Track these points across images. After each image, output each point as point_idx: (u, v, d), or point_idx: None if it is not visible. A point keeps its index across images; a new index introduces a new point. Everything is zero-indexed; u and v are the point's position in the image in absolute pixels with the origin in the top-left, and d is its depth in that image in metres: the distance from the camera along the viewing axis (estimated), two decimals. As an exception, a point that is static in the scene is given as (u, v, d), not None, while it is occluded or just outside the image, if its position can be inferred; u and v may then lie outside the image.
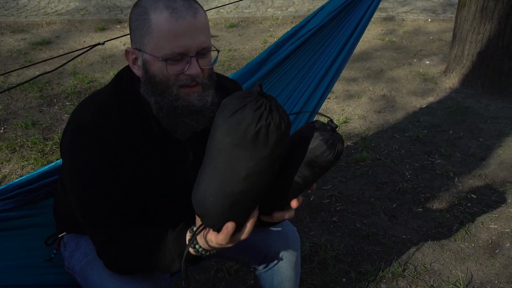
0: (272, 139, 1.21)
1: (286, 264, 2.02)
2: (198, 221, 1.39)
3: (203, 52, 1.50)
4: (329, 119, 1.39)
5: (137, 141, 1.59)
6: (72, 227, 1.95)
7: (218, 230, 1.33)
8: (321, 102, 2.89)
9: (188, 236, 1.45)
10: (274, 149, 1.22)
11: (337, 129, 1.37)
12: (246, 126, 1.19)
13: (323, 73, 2.86)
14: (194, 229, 1.42)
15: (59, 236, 2.00)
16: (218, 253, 2.06)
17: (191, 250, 1.42)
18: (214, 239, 1.34)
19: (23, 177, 2.13)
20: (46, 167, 2.16)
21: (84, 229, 1.66)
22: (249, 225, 1.35)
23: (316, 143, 1.34)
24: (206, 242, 1.38)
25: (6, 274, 1.93)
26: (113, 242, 1.58)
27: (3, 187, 2.08)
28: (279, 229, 1.98)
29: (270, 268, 2.04)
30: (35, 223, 2.11)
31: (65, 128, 1.61)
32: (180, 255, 1.46)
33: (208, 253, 1.44)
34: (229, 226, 1.30)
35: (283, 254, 1.99)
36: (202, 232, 1.38)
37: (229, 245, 1.36)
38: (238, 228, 1.34)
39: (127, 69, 1.65)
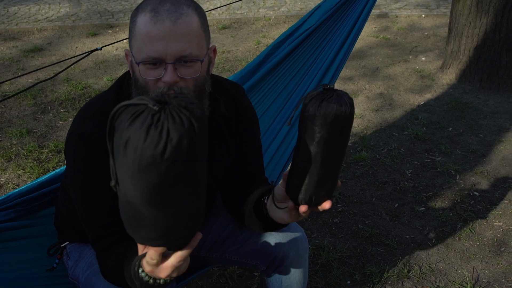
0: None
1: (295, 267, 1.96)
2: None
3: (184, 60, 1.46)
4: (320, 86, 1.36)
5: None
6: (75, 236, 1.93)
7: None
8: None
9: None
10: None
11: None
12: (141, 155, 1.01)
13: (323, 72, 2.82)
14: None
15: (62, 245, 1.97)
16: (224, 258, 2.03)
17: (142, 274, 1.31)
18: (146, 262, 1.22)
19: (23, 186, 2.12)
20: (46, 176, 2.15)
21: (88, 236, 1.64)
22: (172, 258, 1.20)
23: (329, 110, 1.29)
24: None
25: (7, 286, 1.91)
26: (112, 250, 1.55)
27: (3, 197, 2.07)
28: (287, 231, 1.93)
29: (279, 272, 1.99)
30: (35, 233, 2.10)
31: (68, 137, 1.59)
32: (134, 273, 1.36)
33: (160, 281, 1.29)
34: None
35: (292, 256, 1.93)
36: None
37: (173, 274, 1.25)
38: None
39: (128, 74, 1.61)
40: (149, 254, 1.18)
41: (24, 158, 4.00)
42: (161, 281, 1.29)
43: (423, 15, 7.69)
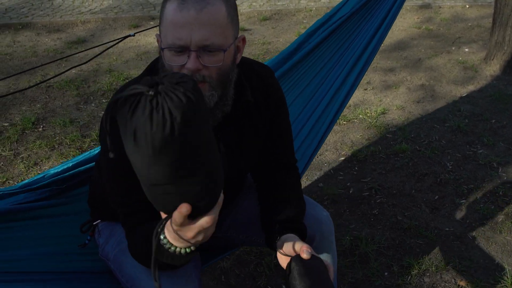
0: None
1: (321, 250, 1.94)
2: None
3: (208, 49, 1.47)
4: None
5: None
6: (107, 214, 1.98)
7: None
8: (352, 90, 2.84)
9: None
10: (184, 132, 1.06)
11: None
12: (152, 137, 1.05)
13: (355, 60, 2.83)
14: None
15: (94, 223, 2.02)
16: (250, 240, 2.05)
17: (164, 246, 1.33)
18: (172, 223, 1.22)
19: (59, 166, 2.18)
20: (81, 155, 2.22)
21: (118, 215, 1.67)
22: (201, 220, 1.22)
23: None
24: (173, 232, 1.27)
25: (41, 261, 1.98)
26: (141, 228, 1.58)
27: (39, 176, 2.13)
28: (311, 213, 1.93)
29: None
30: (69, 211, 2.16)
31: (103, 117, 1.61)
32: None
33: (180, 250, 1.32)
34: (183, 208, 1.15)
35: (318, 239, 1.93)
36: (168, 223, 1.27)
37: (199, 238, 1.26)
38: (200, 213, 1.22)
39: (159, 59, 1.64)
40: (175, 216, 1.19)
41: (67, 147, 4.08)
42: (182, 250, 1.32)
43: (467, 6, 7.56)
